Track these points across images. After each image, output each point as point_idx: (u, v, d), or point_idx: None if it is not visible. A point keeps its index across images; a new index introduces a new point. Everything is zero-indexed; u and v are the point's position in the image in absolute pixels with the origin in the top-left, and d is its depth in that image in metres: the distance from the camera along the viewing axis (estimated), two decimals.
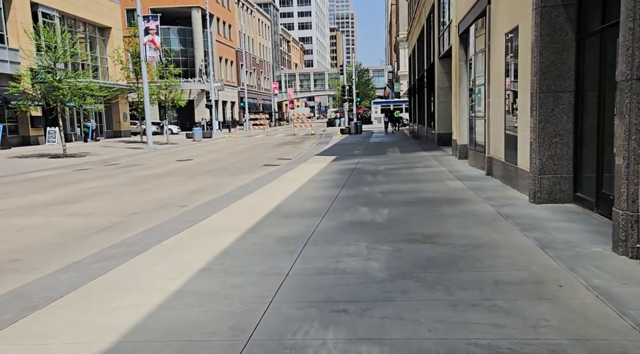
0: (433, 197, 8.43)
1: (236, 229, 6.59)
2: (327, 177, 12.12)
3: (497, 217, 6.52)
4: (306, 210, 7.80)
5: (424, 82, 26.66)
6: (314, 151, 22.21)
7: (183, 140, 37.94)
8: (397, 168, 13.41)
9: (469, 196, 8.32)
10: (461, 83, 14.64)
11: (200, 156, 22.83)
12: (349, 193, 9.36)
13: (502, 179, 9.51)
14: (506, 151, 9.32)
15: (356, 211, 7.53)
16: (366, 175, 12.09)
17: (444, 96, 20.54)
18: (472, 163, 12.81)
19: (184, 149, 28.31)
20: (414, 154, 17.64)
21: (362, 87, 76.99)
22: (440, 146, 20.50)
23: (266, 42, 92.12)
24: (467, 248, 5.11)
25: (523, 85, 7.96)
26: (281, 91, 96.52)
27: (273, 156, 21.26)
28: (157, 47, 26.86)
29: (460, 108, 14.74)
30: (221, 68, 66.52)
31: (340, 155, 18.81)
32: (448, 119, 20.49)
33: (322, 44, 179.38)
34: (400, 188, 9.71)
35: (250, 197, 9.55)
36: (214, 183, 12.82)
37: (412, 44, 37.18)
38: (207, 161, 19.78)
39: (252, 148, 26.89)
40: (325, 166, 15.00)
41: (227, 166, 17.43)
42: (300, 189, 10.21)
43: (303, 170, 14.17)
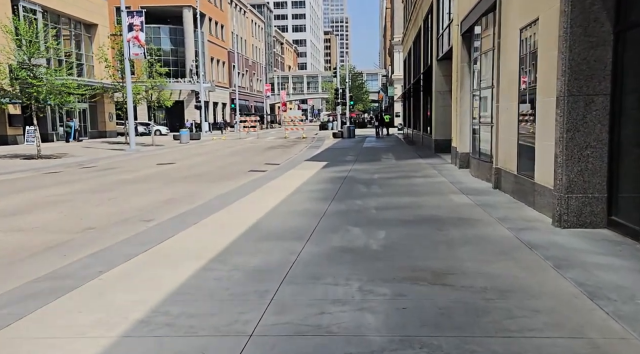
0: (436, 215, 7.26)
1: (200, 255, 5.38)
2: (316, 186, 10.93)
3: (519, 246, 5.35)
4: (288, 229, 6.60)
5: (420, 85, 25.57)
6: (304, 155, 21.03)
7: (170, 142, 36.63)
8: (393, 177, 12.24)
9: (478, 215, 7.15)
10: (463, 86, 13.53)
11: (183, 159, 21.56)
12: (339, 208, 8.17)
13: (514, 194, 8.37)
14: (519, 162, 8.18)
15: (347, 232, 6.34)
16: (359, 185, 10.92)
17: (442, 100, 19.46)
18: (475, 174, 11.68)
19: (169, 151, 27.01)
20: (411, 162, 16.50)
21: (356, 90, 75.95)
22: (438, 152, 19.40)
23: (259, 44, 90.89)
24: (490, 294, 3.93)
25: (544, 87, 6.83)
26: (274, 93, 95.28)
27: (260, 161, 20.05)
28: (142, 44, 25.56)
29: (462, 113, 13.62)
30: (212, 69, 65.21)
31: (331, 161, 17.64)
32: (446, 125, 19.41)
33: (316, 47, 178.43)
34: (397, 202, 8.53)
35: (226, 210, 8.34)
36: (191, 191, 11.59)
37: (407, 47, 36.13)
38: (190, 165, 18.53)
39: (240, 152, 25.65)
40: (315, 173, 13.82)
41: (209, 171, 16.19)
42: (284, 201, 9.02)
43: (290, 177, 12.98)
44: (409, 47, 33.86)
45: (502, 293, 3.94)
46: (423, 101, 25.21)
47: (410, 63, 33.78)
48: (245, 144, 32.59)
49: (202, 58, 58.63)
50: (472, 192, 9.31)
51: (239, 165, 18.36)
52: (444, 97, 19.40)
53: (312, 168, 15.17)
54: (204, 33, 60.79)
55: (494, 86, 9.99)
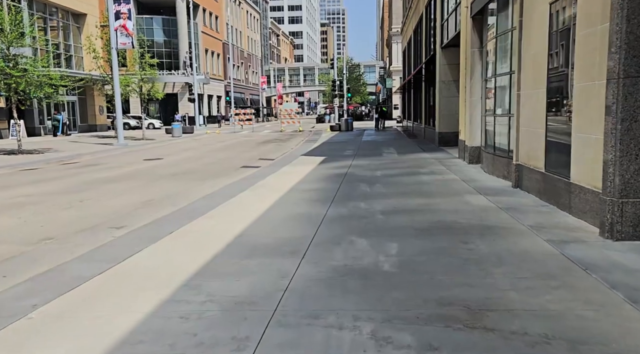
0: (455, 222, 6.16)
1: (169, 280, 4.28)
2: (313, 185, 9.82)
3: (569, 267, 4.27)
4: (281, 241, 5.50)
5: (422, 75, 24.43)
6: (301, 150, 19.91)
7: (162, 136, 35.42)
8: (398, 174, 11.14)
9: (505, 222, 6.06)
10: (473, 74, 12.40)
11: (173, 154, 20.41)
12: (340, 212, 7.07)
13: (541, 194, 7.28)
14: (548, 158, 7.09)
15: (351, 245, 5.25)
16: (361, 184, 9.81)
17: (446, 90, 18.35)
18: (488, 170, 10.59)
19: (159, 146, 25.83)
20: (414, 156, 15.39)
21: (353, 82, 74.63)
22: (442, 146, 18.32)
23: (255, 36, 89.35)
24: (556, 348, 2.84)
25: (584, 69, 5.72)
26: (270, 86, 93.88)
27: (254, 156, 18.92)
28: (130, 33, 24.31)
29: (472, 104, 12.50)
30: (207, 61, 63.79)
31: (329, 156, 16.52)
32: (451, 117, 18.32)
33: (312, 39, 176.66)
34: (406, 205, 7.44)
35: (210, 215, 7.23)
36: (175, 191, 10.47)
37: (407, 37, 34.91)
38: (178, 161, 17.39)
39: (233, 146, 24.50)
40: (312, 169, 12.71)
41: (198, 168, 15.06)
42: (277, 204, 7.92)
43: (285, 175, 11.87)
44: (409, 37, 32.67)
45: (572, 346, 2.84)
46: (425, 91, 24.08)
47: (411, 53, 32.59)
48: (239, 138, 31.42)
49: (196, 50, 57.27)
50: (490, 192, 8.22)
51: (231, 161, 17.23)
52: (449, 87, 18.30)
53: (309, 164, 14.06)
54: (197, 24, 59.38)
55: (513, 72, 8.88)
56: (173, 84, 56.29)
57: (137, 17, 55.36)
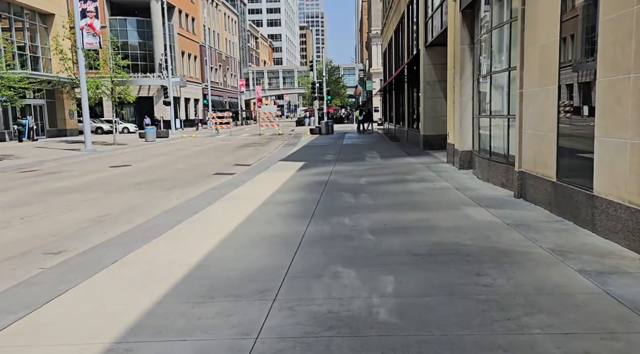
0: (459, 243, 5.15)
1: (85, 346, 3.16)
2: (291, 196, 8.74)
3: (625, 316, 3.25)
4: (248, 274, 4.42)
5: (404, 76, 23.56)
6: (279, 155, 18.81)
7: (135, 140, 33.94)
8: (385, 182, 10.12)
9: (519, 243, 5.06)
10: (464, 73, 11.47)
11: (143, 160, 19.12)
12: (321, 230, 6.01)
13: (552, 207, 6.31)
14: (561, 165, 6.13)
15: (336, 279, 4.18)
16: (344, 194, 8.76)
17: (431, 91, 17.46)
18: (483, 176, 9.63)
19: (130, 151, 24.46)
20: (400, 161, 14.42)
21: (333, 85, 73.75)
22: (427, 150, 17.41)
23: (233, 38, 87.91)
24: None
25: (615, 60, 4.77)
26: (249, 89, 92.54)
27: (230, 161, 17.77)
28: (97, 32, 22.94)
29: (462, 104, 11.57)
30: (183, 63, 62.25)
31: (309, 161, 15.47)
32: (436, 119, 17.44)
33: (291, 42, 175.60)
34: (399, 221, 6.40)
35: (168, 236, 6.10)
36: (137, 203, 9.29)
37: (387, 38, 34.09)
38: (147, 168, 16.14)
39: (209, 151, 23.28)
40: (290, 176, 11.63)
41: (167, 176, 13.85)
42: (249, 220, 6.82)
43: (261, 183, 10.77)
44: (390, 37, 31.85)
45: None
46: (408, 93, 23.21)
47: (391, 54, 31.77)
48: (216, 142, 30.19)
49: (172, 52, 55.77)
50: (491, 204, 7.24)
51: (204, 167, 16.05)
52: (434, 88, 17.43)
53: (288, 170, 12.98)
54: (173, 26, 57.91)
55: (513, 68, 7.94)
56: (148, 87, 54.70)
57: (110, 19, 53.68)
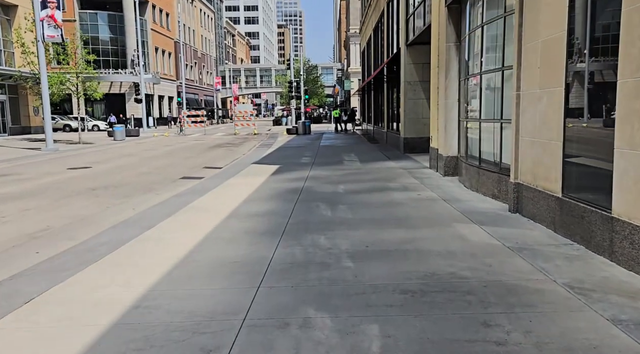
0: (455, 275, 4.29)
1: None
2: (261, 207, 7.81)
3: None
4: (193, 322, 3.48)
5: (384, 76, 22.79)
6: (253, 157, 17.83)
7: (103, 139, 32.51)
8: (364, 191, 9.25)
9: (527, 275, 4.22)
10: (449, 72, 10.68)
11: (106, 161, 17.92)
12: (292, 255, 5.10)
13: (557, 227, 5.52)
14: (568, 179, 5.34)
15: (306, 331, 3.27)
16: (320, 204, 7.87)
17: (412, 92, 16.70)
18: (471, 185, 8.85)
19: (95, 151, 23.14)
20: (379, 166, 13.60)
21: (311, 84, 72.83)
22: (408, 153, 16.65)
23: (209, 35, 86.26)
24: None
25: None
26: (225, 87, 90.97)
27: (200, 163, 16.72)
28: (59, 24, 21.55)
29: (447, 107, 10.78)
30: (157, 60, 60.54)
31: (284, 164, 14.54)
32: (417, 121, 16.71)
33: (269, 41, 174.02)
34: (383, 241, 5.53)
35: (108, 260, 5.12)
36: (86, 214, 8.24)
37: (366, 36, 33.33)
38: (109, 170, 14.98)
39: (179, 151, 22.14)
40: (262, 182, 10.69)
41: (129, 180, 12.76)
42: (208, 239, 5.87)
43: (229, 190, 9.81)
44: (369, 36, 31.08)
45: None
46: (388, 93, 22.44)
47: (370, 53, 31.03)
48: (187, 142, 29.00)
49: (145, 48, 54.14)
50: (485, 220, 6.43)
51: (171, 169, 14.98)
52: (415, 88, 16.67)
53: (260, 175, 12.03)
54: (146, 21, 56.25)
55: (507, 68, 7.15)
56: (120, 83, 52.96)
57: (80, 12, 51.81)
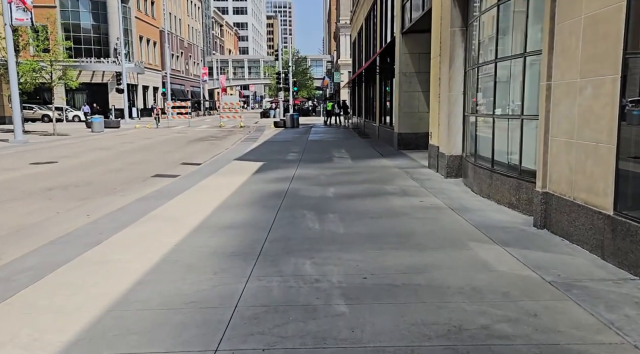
0: (491, 331, 3.12)
1: None
2: (237, 216, 6.59)
3: None
4: None
5: (376, 67, 21.56)
6: (236, 152, 16.56)
7: (81, 130, 30.98)
8: (359, 195, 8.05)
9: (593, 336, 3.06)
10: (453, 61, 9.49)
11: (76, 155, 16.53)
12: (268, 292, 3.89)
13: (607, 253, 4.36)
14: (623, 193, 4.18)
15: None
16: (307, 214, 6.66)
17: (407, 84, 15.53)
18: (481, 191, 7.69)
19: (67, 143, 21.68)
20: (373, 164, 12.41)
21: (300, 76, 71.34)
22: (402, 149, 15.50)
23: (196, 24, 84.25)
24: None
25: None
26: (212, 78, 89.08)
27: (177, 159, 15.43)
28: (28, 7, 20.03)
29: (451, 100, 9.60)
30: (142, 49, 58.69)
31: (268, 161, 13.31)
32: (413, 115, 15.55)
33: (258, 32, 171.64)
34: (385, 270, 4.34)
35: (19, 300, 3.88)
36: (28, 222, 6.96)
37: (357, 26, 32.02)
38: (76, 166, 13.64)
39: (158, 144, 20.78)
40: (242, 183, 9.46)
41: (94, 178, 11.45)
42: (161, 266, 4.64)
43: (203, 193, 8.57)
44: (360, 26, 29.80)
45: None
46: (380, 86, 21.24)
47: (362, 44, 29.77)
48: (170, 134, 27.61)
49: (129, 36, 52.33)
50: (507, 238, 5.26)
51: (145, 166, 13.68)
52: (411, 80, 15.49)
53: (241, 173, 10.80)
54: (130, 8, 54.36)
55: (527, 54, 5.97)
56: (102, 73, 51.18)
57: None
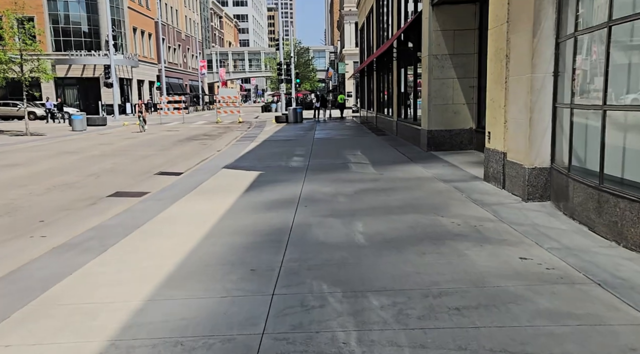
0: None
1: None
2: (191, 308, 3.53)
3: None
4: None
5: (393, 52, 18.41)
6: (228, 155, 13.49)
7: (62, 129, 27.98)
8: (406, 240, 4.95)
9: None
10: (538, 28, 6.36)
11: (31, 163, 13.49)
12: None
13: None
14: None
15: None
16: (328, 298, 3.58)
17: (439, 69, 12.44)
18: (607, 230, 4.60)
19: (34, 146, 18.61)
20: (404, 174, 9.30)
21: (302, 68, 67.91)
22: (432, 150, 12.45)
23: (194, 16, 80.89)
24: None
25: None
26: (212, 71, 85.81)
27: (156, 166, 12.40)
28: None
29: (534, 86, 6.47)
30: (136, 41, 55.45)
31: (266, 169, 10.24)
32: (446, 108, 12.53)
33: (259, 24, 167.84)
34: None
35: None
36: None
37: (366, 9, 28.71)
38: (15, 180, 10.59)
39: (139, 146, 17.71)
40: (224, 214, 6.40)
41: (26, 199, 8.40)
42: None
43: (157, 239, 5.52)
44: (370, 7, 26.52)
45: None
46: (398, 73, 18.08)
47: (372, 28, 26.55)
48: (159, 132, 24.56)
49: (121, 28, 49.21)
50: None
51: (106, 178, 10.63)
52: (443, 64, 12.42)
53: (226, 193, 7.74)
54: None
55: None
56: (94, 66, 48.12)
57: None
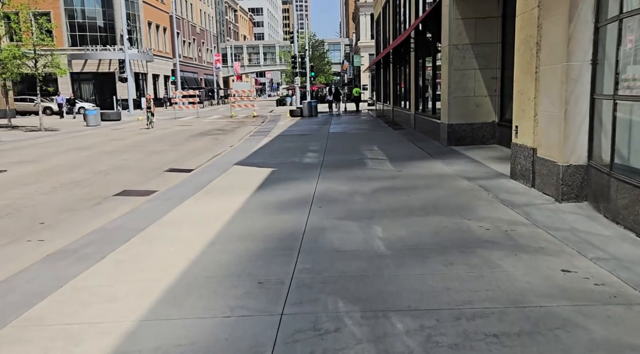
0: None
1: None
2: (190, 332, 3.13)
3: None
4: None
5: (411, 43, 17.83)
6: (241, 151, 13.10)
7: (77, 124, 27.90)
8: (430, 247, 4.49)
9: None
10: (575, 12, 5.81)
11: (43, 159, 13.25)
12: None
13: None
14: None
15: None
16: (346, 320, 3.15)
17: (460, 60, 11.87)
18: None
19: (47, 141, 18.44)
20: (425, 170, 8.80)
21: (317, 61, 67.24)
22: (453, 145, 11.91)
23: (209, 10, 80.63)
24: None
25: None
26: (227, 65, 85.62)
27: (166, 162, 12.06)
28: None
29: (570, 75, 5.92)
30: (151, 35, 55.35)
31: (279, 166, 9.82)
32: (467, 101, 11.98)
33: (273, 17, 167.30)
34: None
35: None
36: None
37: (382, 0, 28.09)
38: (24, 177, 10.31)
39: (151, 141, 17.43)
40: (233, 216, 5.99)
41: (31, 198, 8.10)
42: None
43: (160, 244, 5.13)
44: None
45: None
46: (416, 65, 17.51)
47: (388, 19, 25.92)
48: (172, 127, 24.29)
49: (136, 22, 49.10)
50: None
51: (115, 175, 10.31)
52: (465, 55, 11.84)
53: (236, 192, 7.33)
54: None
55: None
56: (109, 61, 48.06)
57: None
